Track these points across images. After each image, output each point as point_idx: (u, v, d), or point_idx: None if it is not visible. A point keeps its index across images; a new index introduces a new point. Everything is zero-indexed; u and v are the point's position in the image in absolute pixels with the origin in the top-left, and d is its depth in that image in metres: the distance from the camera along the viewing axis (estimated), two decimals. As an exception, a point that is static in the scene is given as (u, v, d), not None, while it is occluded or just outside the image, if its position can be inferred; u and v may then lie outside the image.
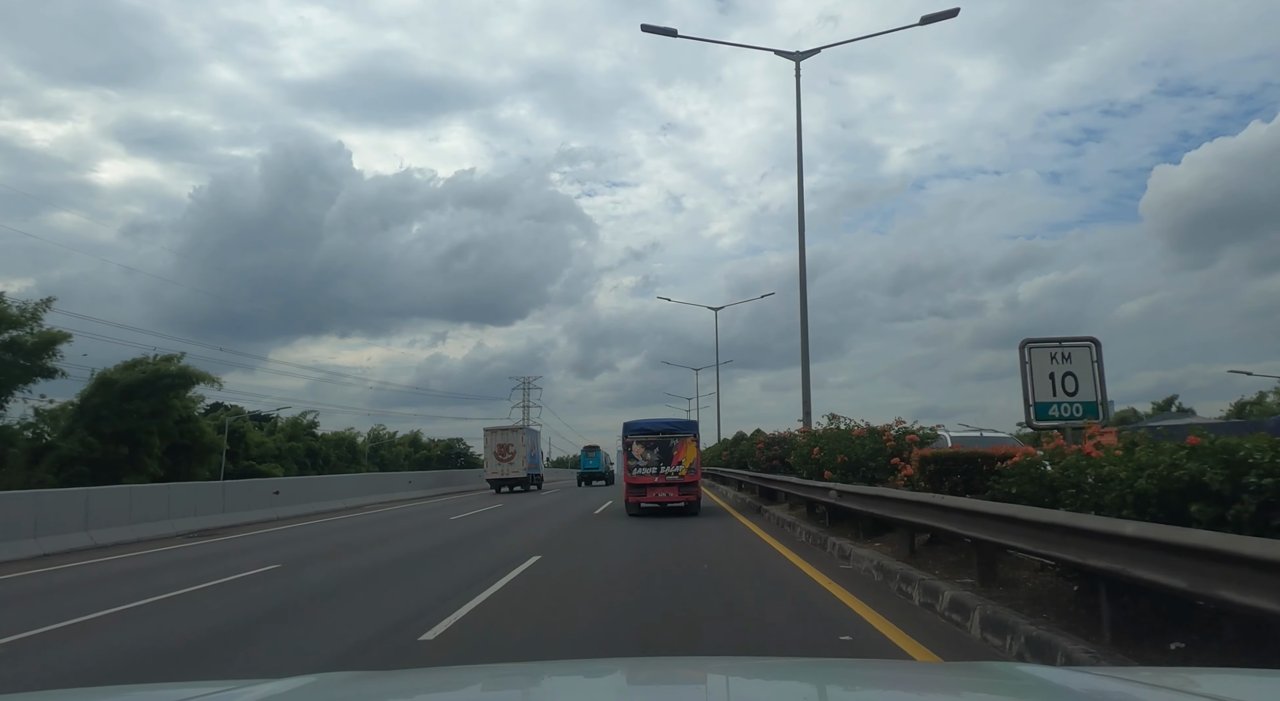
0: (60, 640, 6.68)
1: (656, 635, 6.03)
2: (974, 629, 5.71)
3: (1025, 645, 4.97)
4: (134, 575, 10.90)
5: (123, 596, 8.68)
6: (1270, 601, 3.39)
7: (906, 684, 2.11)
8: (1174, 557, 3.96)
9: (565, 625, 6.62)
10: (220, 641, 6.37)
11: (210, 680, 5.09)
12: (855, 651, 5.39)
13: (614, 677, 2.43)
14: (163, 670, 5.47)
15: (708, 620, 6.55)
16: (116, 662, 5.78)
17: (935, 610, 6.47)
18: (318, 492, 25.88)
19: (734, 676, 2.34)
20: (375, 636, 6.33)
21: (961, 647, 5.39)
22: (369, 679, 2.36)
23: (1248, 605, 3.51)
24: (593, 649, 5.70)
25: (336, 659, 5.56)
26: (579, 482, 46.24)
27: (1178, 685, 1.77)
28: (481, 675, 2.79)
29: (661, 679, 2.32)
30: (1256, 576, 3.44)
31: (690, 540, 12.83)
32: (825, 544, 10.97)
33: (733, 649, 5.58)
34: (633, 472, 18.55)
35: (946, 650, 5.30)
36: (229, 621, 7.17)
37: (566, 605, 7.56)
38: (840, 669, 2.75)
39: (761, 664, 3.25)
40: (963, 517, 6.81)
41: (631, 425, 19.20)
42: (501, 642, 6.04)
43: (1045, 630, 4.96)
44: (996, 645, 5.31)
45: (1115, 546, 4.43)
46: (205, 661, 5.72)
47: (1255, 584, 3.45)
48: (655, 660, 4.28)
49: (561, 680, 2.45)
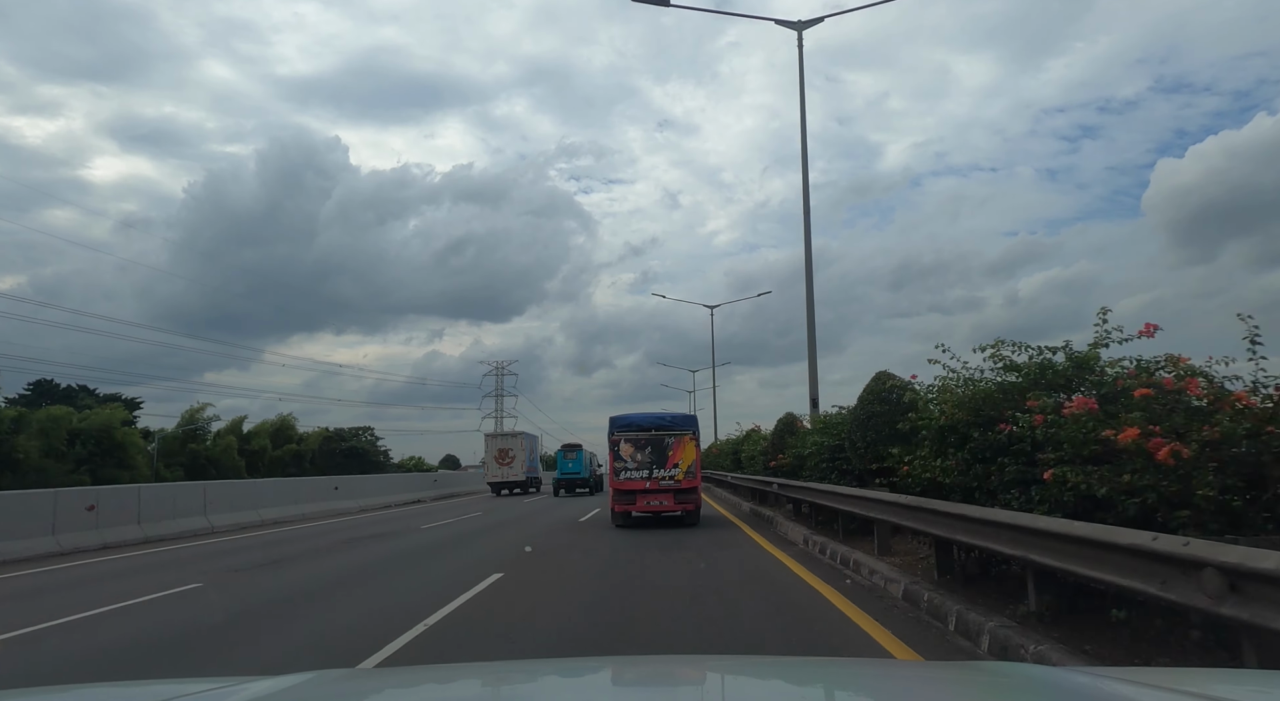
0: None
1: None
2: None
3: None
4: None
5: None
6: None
7: (899, 683, 2.10)
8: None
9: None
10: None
11: (207, 676, 5.03)
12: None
13: (609, 675, 2.42)
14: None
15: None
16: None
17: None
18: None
19: (728, 675, 2.33)
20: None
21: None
22: (367, 676, 2.36)
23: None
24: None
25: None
26: (556, 491, 35.80)
27: (1172, 684, 1.79)
28: (478, 672, 2.80)
29: (656, 677, 2.31)
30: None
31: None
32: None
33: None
34: (620, 476, 15.73)
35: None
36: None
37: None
38: (834, 668, 2.75)
39: (756, 662, 3.27)
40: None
41: (619, 420, 16.29)
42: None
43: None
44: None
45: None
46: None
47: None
48: (650, 658, 4.27)
49: (557, 677, 2.45)
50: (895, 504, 8.15)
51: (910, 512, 7.70)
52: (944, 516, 6.80)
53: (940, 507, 6.87)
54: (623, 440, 15.89)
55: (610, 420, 16.39)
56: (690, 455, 15.75)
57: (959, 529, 6.49)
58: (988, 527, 5.91)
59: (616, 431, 16.04)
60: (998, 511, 5.92)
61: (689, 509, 15.81)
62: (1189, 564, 3.77)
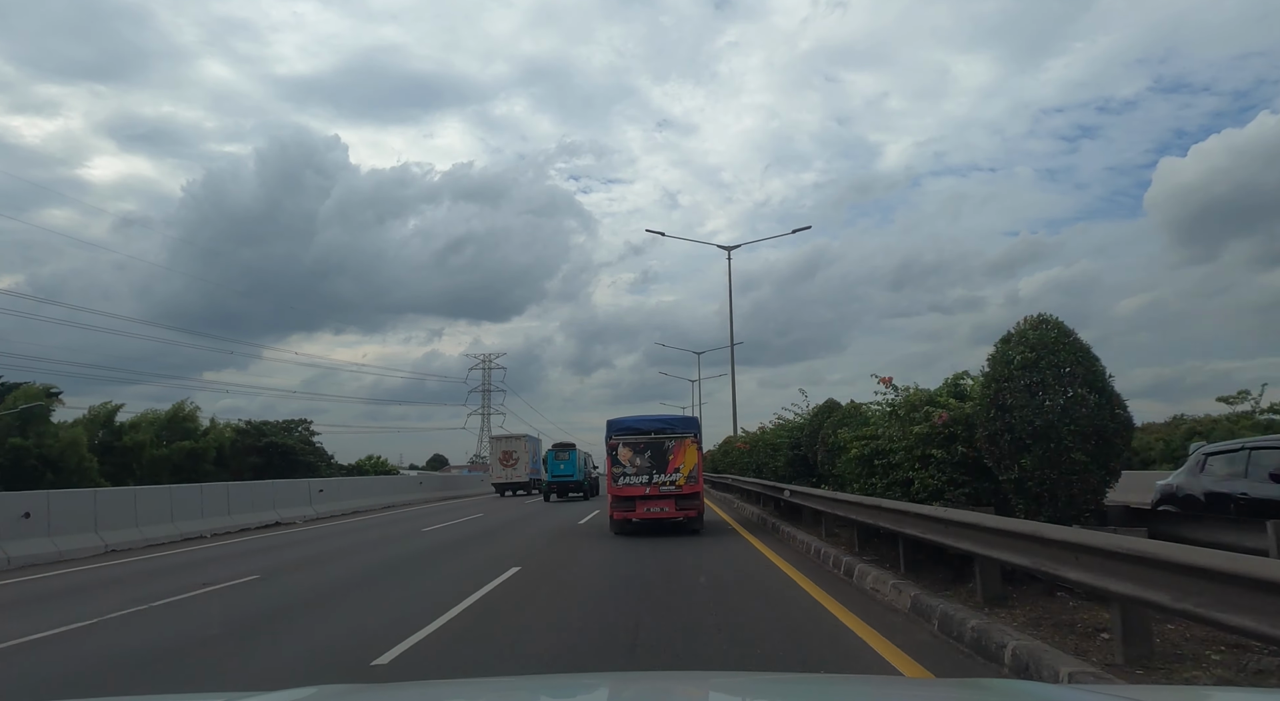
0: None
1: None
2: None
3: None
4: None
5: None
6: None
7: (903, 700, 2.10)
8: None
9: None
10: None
11: (209, 691, 5.01)
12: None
13: (610, 692, 2.44)
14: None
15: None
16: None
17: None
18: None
19: (729, 694, 2.33)
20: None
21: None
22: (368, 691, 2.35)
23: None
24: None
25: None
26: (546, 495, 33.22)
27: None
28: (480, 688, 2.78)
29: (656, 694, 2.32)
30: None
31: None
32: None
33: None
34: (619, 482, 15.18)
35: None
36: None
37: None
38: (840, 686, 2.75)
39: (757, 680, 3.26)
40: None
41: (617, 423, 15.71)
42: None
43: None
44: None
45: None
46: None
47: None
48: (650, 674, 4.27)
49: (558, 695, 2.45)
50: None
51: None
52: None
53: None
54: (621, 444, 15.28)
55: (608, 423, 15.81)
56: (692, 459, 15.22)
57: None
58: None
59: (614, 435, 15.46)
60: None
61: (691, 515, 15.30)
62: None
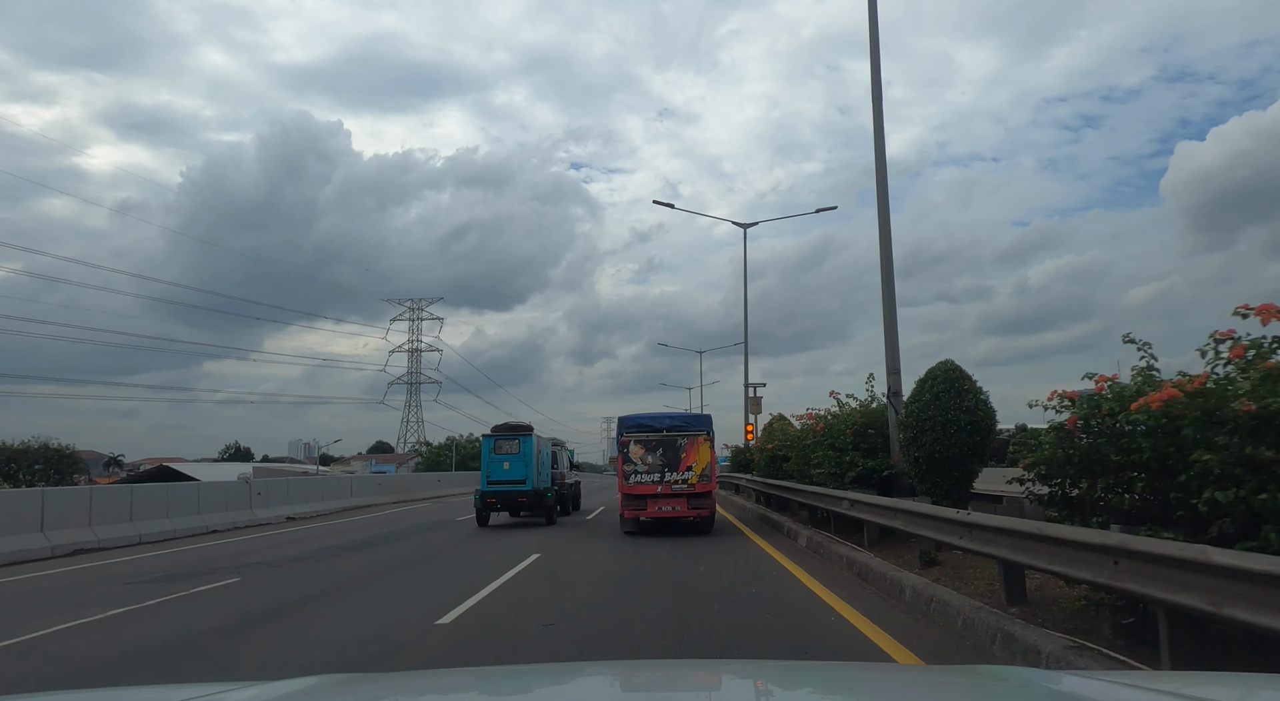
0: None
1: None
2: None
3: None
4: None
5: None
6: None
7: (902, 687, 2.15)
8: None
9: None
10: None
11: (210, 681, 5.05)
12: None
13: (613, 679, 2.46)
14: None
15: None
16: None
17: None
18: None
19: (732, 678, 2.39)
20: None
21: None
22: (371, 680, 2.39)
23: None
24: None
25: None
26: (478, 515, 18.65)
27: (1167, 687, 1.83)
28: (482, 677, 2.82)
29: (660, 682, 2.36)
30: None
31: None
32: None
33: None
34: (630, 480, 15.18)
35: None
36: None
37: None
38: (839, 672, 2.83)
39: (759, 667, 3.30)
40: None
41: (628, 420, 15.75)
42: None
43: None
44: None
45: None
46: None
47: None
48: (654, 662, 4.31)
49: (565, 683, 2.46)
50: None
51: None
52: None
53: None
54: (632, 441, 15.32)
55: (619, 420, 15.83)
56: (704, 457, 15.22)
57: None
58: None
59: (625, 432, 15.52)
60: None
61: (703, 514, 15.24)
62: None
